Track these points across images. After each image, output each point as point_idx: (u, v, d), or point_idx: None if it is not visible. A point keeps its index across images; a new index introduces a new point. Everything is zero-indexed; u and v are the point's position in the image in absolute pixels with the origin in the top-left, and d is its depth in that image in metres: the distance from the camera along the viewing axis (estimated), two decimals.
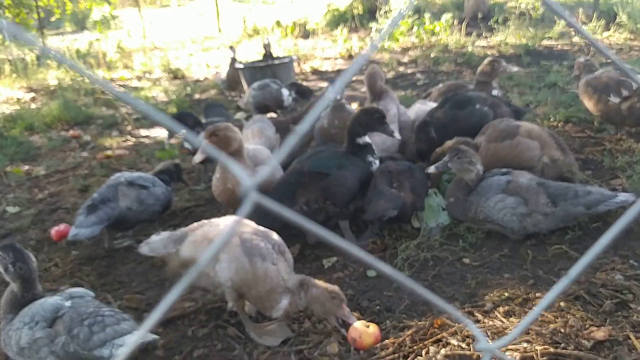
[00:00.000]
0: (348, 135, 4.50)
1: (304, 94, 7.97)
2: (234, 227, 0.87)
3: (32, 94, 11.34)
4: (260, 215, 3.82)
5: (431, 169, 4.35)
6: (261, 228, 3.41)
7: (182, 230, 3.47)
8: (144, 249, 3.46)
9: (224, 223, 3.39)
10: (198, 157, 4.34)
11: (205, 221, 3.50)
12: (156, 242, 3.45)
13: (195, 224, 3.50)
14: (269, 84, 7.76)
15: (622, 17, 11.98)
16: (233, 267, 3.15)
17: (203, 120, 6.27)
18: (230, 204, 4.60)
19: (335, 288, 3.20)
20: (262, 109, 7.74)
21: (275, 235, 3.40)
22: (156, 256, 3.46)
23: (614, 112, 5.69)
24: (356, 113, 4.65)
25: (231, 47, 9.84)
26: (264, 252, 3.20)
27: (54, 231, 4.83)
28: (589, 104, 5.95)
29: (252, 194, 0.79)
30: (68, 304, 3.00)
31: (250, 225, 3.40)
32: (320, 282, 3.23)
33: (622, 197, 3.96)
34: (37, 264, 4.35)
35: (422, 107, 5.80)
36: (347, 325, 3.18)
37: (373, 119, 4.50)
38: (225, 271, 3.16)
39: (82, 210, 4.37)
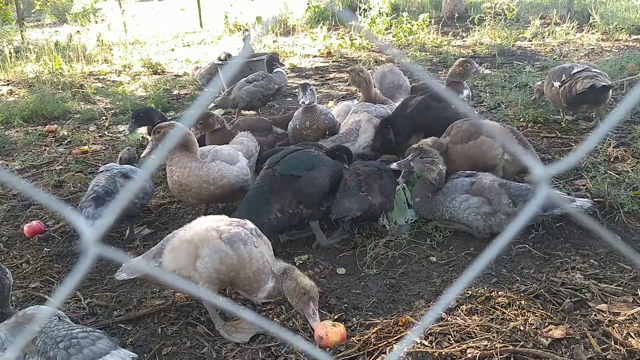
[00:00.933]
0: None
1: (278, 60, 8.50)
2: None
3: (10, 87, 11.23)
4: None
5: (394, 166, 4.49)
6: (234, 219, 3.50)
7: (157, 246, 3.51)
8: (122, 275, 3.46)
9: (197, 224, 3.45)
10: (145, 152, 4.58)
11: (176, 230, 3.55)
12: (133, 265, 3.46)
13: (168, 235, 3.55)
14: (264, 74, 7.91)
15: (596, 18, 12.16)
16: (217, 257, 3.24)
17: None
18: (182, 197, 4.65)
19: (308, 285, 3.27)
20: (263, 99, 7.91)
21: (250, 224, 3.50)
22: (139, 276, 3.48)
23: (555, 95, 6.28)
24: (344, 147, 5.02)
25: (228, 55, 9.87)
26: (243, 237, 3.32)
27: (26, 227, 4.84)
28: (545, 90, 6.56)
29: (92, 249, 0.84)
30: (37, 327, 2.92)
31: (224, 219, 3.47)
32: (299, 275, 3.31)
33: (579, 202, 4.08)
34: (8, 260, 4.42)
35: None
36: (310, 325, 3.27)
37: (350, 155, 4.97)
38: (209, 264, 3.23)
39: (87, 202, 4.40)
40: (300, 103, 5.47)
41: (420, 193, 4.43)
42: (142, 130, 6.78)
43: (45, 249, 4.66)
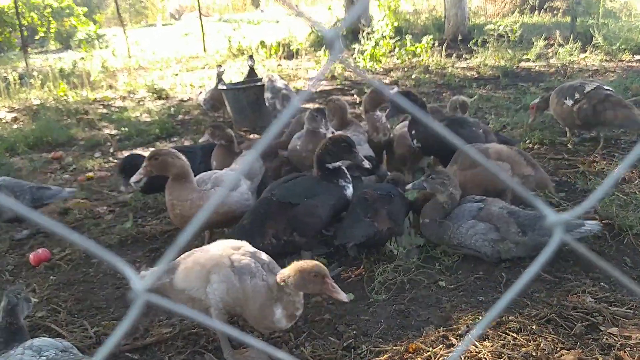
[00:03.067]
0: (317, 161, 4.50)
1: None
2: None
3: (14, 114, 11.30)
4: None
5: (409, 187, 4.48)
6: (251, 248, 3.44)
7: (173, 262, 3.47)
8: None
9: (214, 248, 3.42)
10: (135, 177, 4.45)
11: (195, 249, 3.52)
12: (147, 277, 3.42)
13: (186, 253, 3.52)
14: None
15: (598, 39, 12.22)
16: (224, 287, 3.19)
17: None
18: (184, 226, 4.60)
19: (310, 266, 3.09)
20: None
21: (264, 255, 3.40)
22: (151, 289, 3.43)
23: (567, 113, 6.25)
24: (324, 141, 4.59)
25: (219, 66, 9.94)
26: (252, 269, 3.23)
27: (32, 256, 4.83)
28: (553, 108, 6.52)
29: (142, 296, 0.85)
30: None
31: (241, 247, 3.43)
32: (294, 268, 3.11)
33: (588, 226, 4.02)
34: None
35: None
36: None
37: (341, 148, 4.47)
38: (217, 292, 3.20)
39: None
40: (324, 133, 5.33)
41: (429, 215, 4.40)
42: None
43: (51, 277, 4.63)
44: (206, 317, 1.11)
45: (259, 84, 9.08)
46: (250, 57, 9.95)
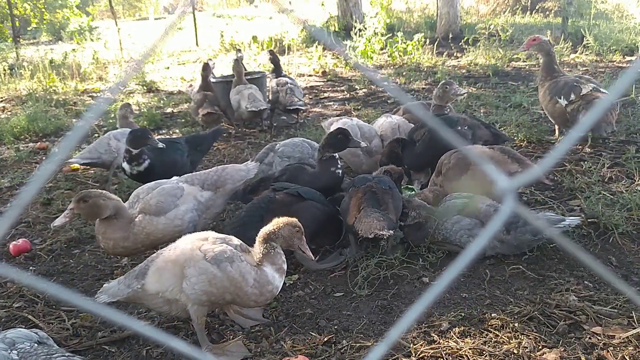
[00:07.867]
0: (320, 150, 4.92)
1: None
2: None
3: (2, 104, 11.19)
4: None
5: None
6: (219, 235, 3.40)
7: (140, 265, 3.40)
8: (103, 297, 3.33)
9: (182, 244, 3.36)
10: (58, 221, 3.92)
11: (162, 249, 3.46)
12: (114, 287, 3.35)
13: (153, 255, 3.46)
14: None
15: (589, 39, 12.22)
16: (205, 279, 3.14)
17: None
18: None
19: (292, 220, 3.34)
20: None
21: (234, 239, 3.40)
22: (120, 299, 3.34)
23: (559, 113, 6.09)
24: (325, 136, 5.02)
25: (238, 51, 9.94)
26: (229, 255, 3.21)
27: (12, 246, 4.76)
28: (545, 105, 6.36)
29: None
30: (15, 355, 2.76)
31: (208, 237, 3.37)
32: (279, 222, 3.33)
33: (567, 221, 4.01)
34: None
35: (386, 120, 6.17)
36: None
37: (339, 139, 4.88)
38: (197, 286, 3.14)
39: None
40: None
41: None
42: None
43: (31, 267, 4.57)
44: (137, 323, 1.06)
45: (249, 77, 9.01)
46: (238, 50, 9.84)
